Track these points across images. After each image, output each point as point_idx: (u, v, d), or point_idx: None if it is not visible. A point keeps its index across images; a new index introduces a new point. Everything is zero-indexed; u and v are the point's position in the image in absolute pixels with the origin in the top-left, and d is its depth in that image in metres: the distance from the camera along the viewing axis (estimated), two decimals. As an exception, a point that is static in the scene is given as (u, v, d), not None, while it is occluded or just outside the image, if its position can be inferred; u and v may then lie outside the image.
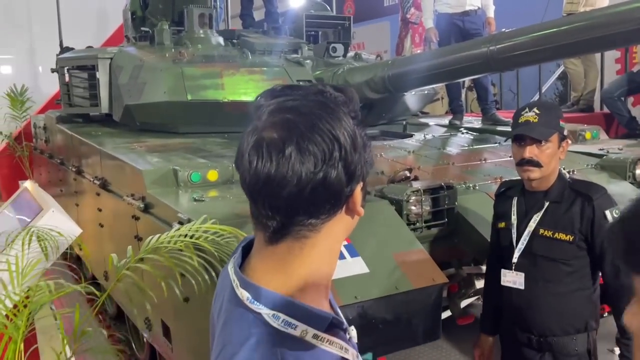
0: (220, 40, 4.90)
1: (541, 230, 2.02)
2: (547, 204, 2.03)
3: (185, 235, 1.79)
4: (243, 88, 4.03)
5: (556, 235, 1.99)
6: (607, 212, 1.97)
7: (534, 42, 2.73)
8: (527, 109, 2.03)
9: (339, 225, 0.79)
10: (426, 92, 4.98)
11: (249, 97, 4.02)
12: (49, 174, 6.40)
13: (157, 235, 1.87)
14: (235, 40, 4.99)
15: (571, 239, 1.98)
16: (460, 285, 2.65)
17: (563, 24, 2.69)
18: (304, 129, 0.72)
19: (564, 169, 3.12)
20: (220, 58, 4.37)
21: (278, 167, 0.71)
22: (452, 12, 4.85)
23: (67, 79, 5.09)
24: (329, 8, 6.09)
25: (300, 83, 4.21)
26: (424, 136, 4.19)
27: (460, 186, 2.80)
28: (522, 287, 2.05)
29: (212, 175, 2.71)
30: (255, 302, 0.76)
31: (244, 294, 0.77)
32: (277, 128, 0.73)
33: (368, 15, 10.86)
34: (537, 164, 1.98)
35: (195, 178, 2.66)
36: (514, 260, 2.07)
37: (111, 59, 4.77)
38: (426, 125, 4.94)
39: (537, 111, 2.00)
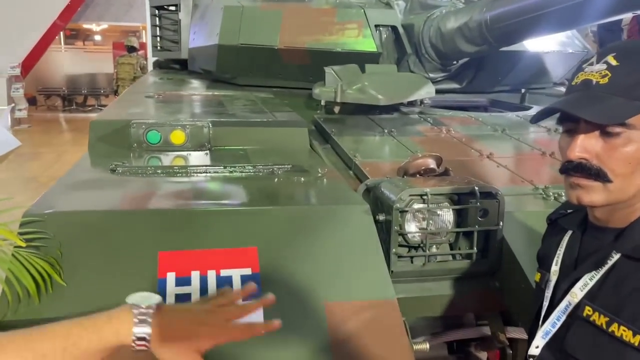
0: (316, -21, 4.10)
1: (588, 309, 0.93)
2: (615, 257, 0.94)
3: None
4: (305, 33, 3.23)
5: (615, 328, 0.90)
6: None
7: None
8: (594, 59, 0.94)
9: None
10: (571, 50, 3.63)
11: (311, 44, 3.21)
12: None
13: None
14: (330, -21, 4.16)
15: None
16: (503, 354, 1.62)
17: None
18: None
19: None
20: (294, -2, 3.60)
21: None
22: None
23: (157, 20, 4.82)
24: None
25: (381, 28, 3.26)
26: (544, 111, 2.96)
27: (535, 193, 1.71)
28: None
29: (177, 137, 2.02)
30: None
31: None
32: None
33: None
34: (598, 173, 0.90)
35: (152, 138, 2.00)
36: (534, 350, 1.02)
37: (194, -2, 4.33)
38: (565, 97, 3.61)
39: (612, 62, 0.89)
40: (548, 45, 3.46)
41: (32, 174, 8.03)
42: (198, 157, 1.96)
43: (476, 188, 1.44)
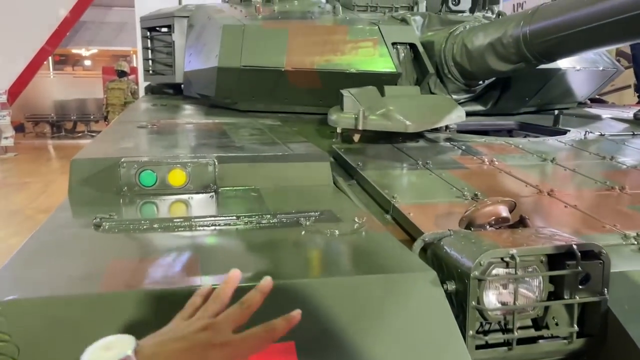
0: (322, -6, 3.82)
1: None
2: None
3: None
4: (314, 53, 2.91)
5: None
6: None
7: None
8: None
9: None
10: (602, 68, 3.35)
11: (322, 64, 2.90)
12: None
13: None
14: (336, -4, 3.88)
15: None
16: None
17: None
18: None
19: None
20: (300, 15, 3.30)
21: None
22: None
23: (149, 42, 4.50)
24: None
25: (398, 46, 2.96)
26: (585, 135, 2.66)
27: (627, 243, 1.38)
28: None
29: (176, 178, 1.67)
30: None
31: None
32: None
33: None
34: None
35: (146, 180, 1.65)
36: None
37: (188, 17, 4.02)
38: (596, 118, 3.32)
39: None
40: (578, 62, 3.18)
41: (18, 206, 7.62)
42: (202, 203, 1.61)
43: (575, 246, 1.10)
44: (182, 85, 3.93)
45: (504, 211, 1.25)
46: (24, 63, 12.39)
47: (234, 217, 1.39)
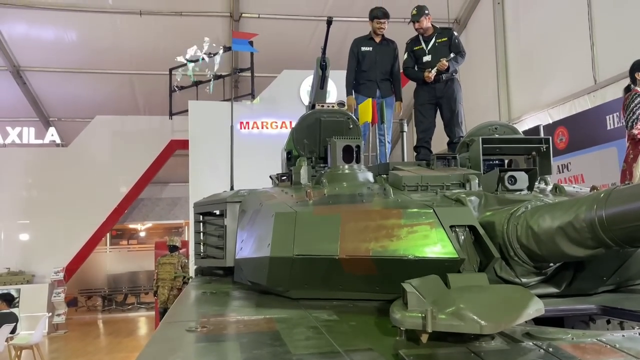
0: (369, 176, 3.87)
1: None
2: None
3: None
4: (369, 239, 2.80)
5: None
6: None
7: None
8: None
9: None
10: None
11: (377, 251, 2.76)
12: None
13: None
14: (384, 176, 3.92)
15: None
16: None
17: None
18: None
19: None
20: (350, 198, 3.28)
21: None
22: None
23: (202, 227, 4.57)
24: (519, 132, 4.71)
25: (457, 229, 2.82)
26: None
27: None
28: None
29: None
30: None
31: None
32: None
33: (587, 142, 8.91)
34: None
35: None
36: None
37: (240, 202, 4.10)
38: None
39: None
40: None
41: (59, 394, 7.31)
42: None
43: None
44: (234, 269, 3.86)
45: None
46: (83, 241, 12.96)
47: None
